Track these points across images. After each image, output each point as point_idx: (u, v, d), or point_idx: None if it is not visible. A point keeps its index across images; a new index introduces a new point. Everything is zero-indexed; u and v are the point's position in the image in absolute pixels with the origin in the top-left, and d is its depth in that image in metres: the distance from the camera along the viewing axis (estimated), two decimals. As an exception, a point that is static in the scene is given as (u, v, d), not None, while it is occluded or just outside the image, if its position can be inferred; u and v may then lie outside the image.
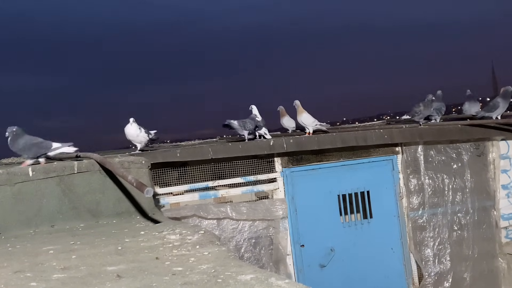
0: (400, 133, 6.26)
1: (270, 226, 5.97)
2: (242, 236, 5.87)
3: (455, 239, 6.48)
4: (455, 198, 6.47)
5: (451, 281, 6.42)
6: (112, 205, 4.07)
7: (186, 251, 2.74)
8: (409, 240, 6.41)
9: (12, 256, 2.91)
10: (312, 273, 6.11)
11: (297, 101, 6.39)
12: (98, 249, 2.95)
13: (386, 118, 10.58)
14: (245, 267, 2.32)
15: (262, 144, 5.87)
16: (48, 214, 3.93)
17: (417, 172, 6.40)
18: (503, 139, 6.60)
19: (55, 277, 2.41)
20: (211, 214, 5.70)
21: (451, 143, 6.49)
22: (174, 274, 2.31)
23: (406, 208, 6.40)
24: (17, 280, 2.39)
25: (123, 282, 2.25)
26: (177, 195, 5.78)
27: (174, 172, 5.74)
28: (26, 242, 3.34)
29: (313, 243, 6.12)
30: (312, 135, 6.14)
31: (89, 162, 4.09)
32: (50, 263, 2.68)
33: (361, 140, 6.08)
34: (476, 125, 6.37)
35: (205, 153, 5.57)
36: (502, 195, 6.66)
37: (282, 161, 6.06)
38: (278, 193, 6.05)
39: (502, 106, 6.25)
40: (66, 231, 3.68)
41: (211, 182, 5.85)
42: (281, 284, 2.02)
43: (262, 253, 5.92)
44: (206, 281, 2.16)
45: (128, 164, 4.13)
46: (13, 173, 3.88)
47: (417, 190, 6.39)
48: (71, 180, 4.00)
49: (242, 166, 5.91)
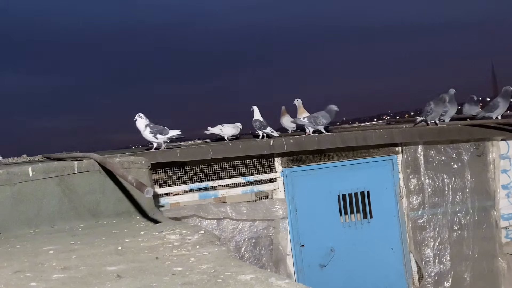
0: (400, 133, 6.26)
1: (270, 226, 5.97)
2: (242, 236, 5.87)
3: (455, 239, 6.47)
4: (455, 198, 6.47)
5: (451, 281, 6.42)
6: (112, 205, 4.07)
7: (186, 251, 2.74)
8: (409, 240, 6.42)
9: (12, 256, 2.91)
10: (312, 273, 6.11)
11: (299, 100, 6.37)
12: (98, 249, 2.95)
13: (386, 118, 10.59)
14: (245, 267, 2.31)
15: (262, 144, 5.87)
16: (48, 214, 3.93)
17: (417, 172, 6.40)
18: (503, 139, 6.59)
19: (55, 277, 2.41)
20: (211, 214, 5.70)
21: (451, 143, 6.49)
22: (174, 274, 2.31)
23: (406, 208, 6.40)
24: (17, 280, 2.39)
25: (123, 282, 2.25)
26: (177, 195, 5.78)
27: (174, 172, 5.74)
28: (26, 242, 3.34)
29: (313, 243, 6.12)
30: (312, 135, 6.14)
31: (89, 162, 4.09)
32: (50, 263, 2.68)
33: (361, 140, 6.07)
34: (476, 125, 6.37)
35: (205, 153, 5.57)
36: (502, 195, 6.66)
37: (282, 161, 6.06)
38: (278, 193, 6.05)
39: (502, 106, 6.25)
40: (66, 231, 3.68)
41: (211, 182, 5.85)
42: (281, 284, 2.02)
43: (262, 253, 5.92)
44: (206, 281, 2.16)
45: (128, 164, 4.12)
46: (13, 173, 3.88)
47: (417, 190, 6.39)
48: (71, 180, 4.01)
49: (242, 166, 5.91)
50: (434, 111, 6.31)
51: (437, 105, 6.32)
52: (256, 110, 6.25)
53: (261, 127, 6.12)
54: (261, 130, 6.15)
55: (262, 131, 6.14)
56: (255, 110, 6.25)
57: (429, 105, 6.33)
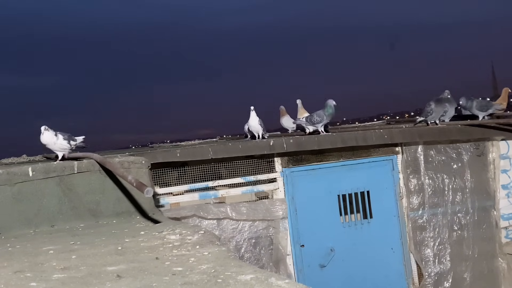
0: (400, 133, 6.26)
1: (270, 226, 5.97)
2: (242, 236, 5.87)
3: (455, 239, 6.47)
4: (455, 198, 6.47)
5: (451, 281, 6.42)
6: (112, 205, 4.08)
7: (186, 251, 2.74)
8: (409, 240, 6.41)
9: (12, 256, 2.92)
10: (312, 273, 6.11)
11: (300, 100, 6.37)
12: (98, 249, 2.95)
13: (386, 118, 10.59)
14: (245, 267, 2.32)
15: (262, 144, 5.87)
16: (48, 214, 3.93)
17: (417, 172, 6.40)
18: (503, 139, 6.59)
19: (55, 277, 2.41)
20: (211, 214, 5.70)
21: (451, 143, 6.49)
22: (174, 274, 2.31)
23: (406, 208, 6.40)
24: (17, 280, 2.39)
25: (123, 282, 2.25)
26: (177, 195, 5.78)
27: (174, 172, 5.74)
28: (26, 242, 3.34)
29: (313, 243, 6.12)
30: (312, 135, 6.14)
31: (89, 162, 4.09)
32: (50, 263, 2.68)
33: (361, 140, 6.07)
34: (476, 125, 6.37)
35: (205, 153, 5.57)
36: (502, 195, 6.66)
37: (282, 161, 6.06)
38: (278, 193, 6.05)
39: (436, 111, 6.29)
40: (66, 231, 3.68)
41: (211, 182, 5.85)
42: (281, 284, 2.02)
43: (262, 253, 5.92)
44: (206, 281, 2.16)
45: (128, 164, 4.13)
46: (13, 173, 3.89)
47: (417, 190, 6.39)
48: (71, 180, 4.01)
49: (242, 166, 5.91)
50: (435, 111, 6.31)
51: (437, 105, 6.32)
52: (253, 111, 6.09)
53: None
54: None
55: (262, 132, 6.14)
56: (252, 112, 6.09)
57: (429, 106, 6.33)
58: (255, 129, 6.11)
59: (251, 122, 6.12)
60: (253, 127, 6.11)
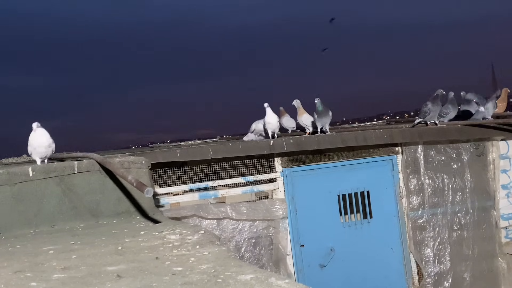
0: (400, 133, 6.26)
1: (270, 226, 5.97)
2: (242, 236, 5.87)
3: (455, 239, 6.47)
4: (455, 198, 6.47)
5: (451, 281, 6.42)
6: (112, 205, 4.08)
7: (186, 251, 2.74)
8: (409, 240, 6.41)
9: (12, 256, 2.92)
10: (312, 273, 6.11)
11: (297, 100, 6.36)
12: (98, 249, 2.95)
13: (386, 118, 10.59)
14: (245, 267, 2.32)
15: (262, 144, 5.87)
16: (48, 214, 3.93)
17: (417, 172, 6.40)
18: (503, 139, 6.59)
19: (55, 277, 2.41)
20: (211, 214, 5.70)
21: (451, 143, 6.49)
22: (174, 274, 2.31)
23: (406, 208, 6.40)
24: (17, 280, 2.39)
25: (123, 282, 2.25)
26: (177, 195, 5.78)
27: (174, 172, 5.74)
28: (26, 242, 3.34)
29: (313, 243, 6.12)
30: (312, 135, 6.15)
31: (89, 162, 4.09)
32: (50, 263, 2.68)
33: (361, 140, 6.07)
34: (476, 125, 6.37)
35: (205, 153, 5.57)
36: (502, 195, 6.66)
37: (282, 161, 6.06)
38: (278, 193, 6.05)
39: (434, 110, 6.31)
40: (66, 231, 3.68)
41: (211, 182, 5.85)
42: (281, 284, 2.03)
43: (262, 253, 5.92)
44: (206, 281, 2.16)
45: (128, 164, 4.13)
46: (13, 173, 3.89)
47: (417, 190, 6.39)
48: (71, 180, 4.01)
49: (242, 166, 5.91)
50: (432, 111, 6.31)
51: (434, 105, 6.32)
52: (269, 108, 6.06)
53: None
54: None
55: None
56: (268, 109, 6.06)
57: (426, 106, 6.34)
58: (273, 126, 6.07)
59: (269, 119, 6.08)
60: (271, 125, 6.07)
